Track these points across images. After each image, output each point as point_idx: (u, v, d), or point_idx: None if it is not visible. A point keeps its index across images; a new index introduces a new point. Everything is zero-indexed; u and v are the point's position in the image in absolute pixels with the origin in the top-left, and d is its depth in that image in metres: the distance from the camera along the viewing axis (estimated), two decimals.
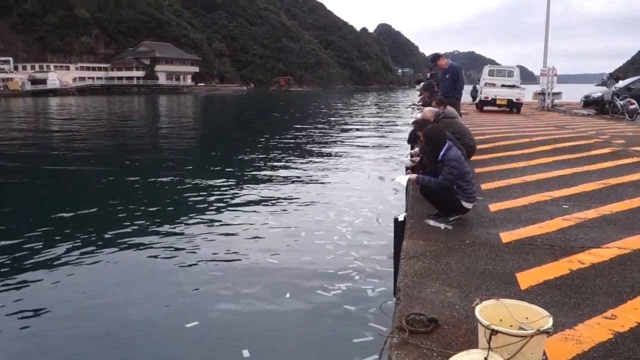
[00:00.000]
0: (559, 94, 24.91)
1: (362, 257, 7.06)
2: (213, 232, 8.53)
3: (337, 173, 14.11)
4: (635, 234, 4.53)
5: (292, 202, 10.57)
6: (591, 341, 2.71)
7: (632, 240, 4.34)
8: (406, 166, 6.28)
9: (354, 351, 4.69)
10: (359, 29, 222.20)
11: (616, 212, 5.26)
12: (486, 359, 2.13)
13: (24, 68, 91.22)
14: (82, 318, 5.53)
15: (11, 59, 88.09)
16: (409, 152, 7.28)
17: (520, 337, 2.20)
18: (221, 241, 8.03)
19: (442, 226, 4.70)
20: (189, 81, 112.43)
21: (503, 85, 21.28)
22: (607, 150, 9.50)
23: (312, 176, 13.65)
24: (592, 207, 5.41)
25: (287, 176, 13.60)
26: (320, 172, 14.32)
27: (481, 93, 21.77)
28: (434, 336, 2.73)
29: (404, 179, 5.03)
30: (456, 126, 7.38)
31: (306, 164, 15.76)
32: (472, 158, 7.72)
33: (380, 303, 5.06)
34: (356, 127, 29.61)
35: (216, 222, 9.08)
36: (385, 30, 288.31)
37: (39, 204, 10.55)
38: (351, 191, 11.51)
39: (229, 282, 6.40)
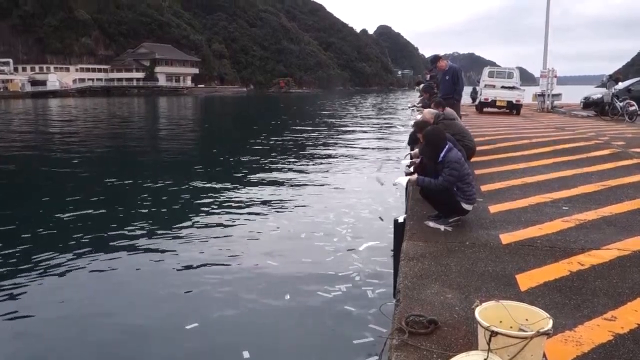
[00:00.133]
0: (558, 95, 24.95)
1: (361, 259, 7.05)
2: (213, 233, 8.53)
3: (336, 175, 14.10)
4: (635, 235, 4.53)
5: (291, 203, 10.57)
6: (591, 343, 2.71)
7: (632, 242, 4.34)
8: (405, 172, 6.29)
9: (354, 352, 4.68)
10: (358, 30, 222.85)
11: (616, 213, 5.27)
12: None
13: (24, 69, 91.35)
14: (81, 319, 5.53)
15: (11, 60, 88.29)
16: (409, 154, 7.28)
17: (520, 338, 2.20)
18: (221, 243, 8.02)
19: (442, 228, 4.70)
20: (188, 82, 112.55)
21: (503, 87, 21.33)
22: (606, 151, 9.50)
23: (312, 178, 13.64)
24: (592, 209, 5.41)
25: (286, 178, 13.61)
26: (320, 173, 14.32)
27: (481, 94, 21.82)
28: (434, 338, 2.73)
29: (404, 179, 5.05)
30: (456, 128, 7.38)
31: (306, 166, 15.76)
32: (472, 159, 7.72)
33: (380, 304, 5.06)
34: (355, 128, 29.62)
35: (216, 224, 9.08)
36: (385, 31, 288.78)
37: (38, 205, 10.53)
38: (351, 193, 11.51)
39: (229, 283, 6.40)
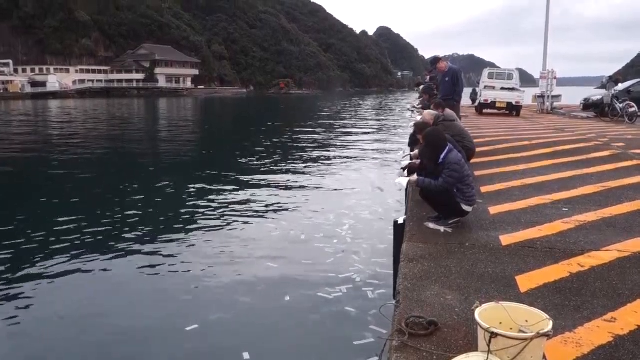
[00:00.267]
0: (558, 96, 24.98)
1: (361, 260, 7.05)
2: (212, 235, 8.52)
3: (336, 176, 14.10)
4: (635, 236, 4.53)
5: (291, 205, 10.56)
6: (591, 344, 2.71)
7: (631, 243, 4.34)
8: (402, 167, 6.28)
9: (354, 353, 4.68)
10: (358, 31, 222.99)
11: (616, 215, 5.27)
12: None
13: (24, 71, 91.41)
14: (81, 320, 5.52)
15: (11, 61, 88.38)
16: (408, 154, 7.28)
17: (520, 340, 2.20)
18: (221, 244, 8.02)
19: (442, 229, 4.70)
20: (188, 84, 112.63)
21: (502, 88, 21.36)
22: (606, 153, 9.50)
23: (312, 179, 13.64)
24: (591, 210, 5.42)
25: (286, 179, 13.60)
26: (320, 175, 14.31)
27: (481, 96, 21.86)
28: (434, 339, 2.73)
29: (404, 180, 5.05)
30: (456, 129, 7.39)
31: (305, 167, 15.76)
32: (472, 161, 7.73)
33: (380, 305, 5.05)
34: (355, 129, 29.61)
35: (215, 225, 9.08)
36: (384, 33, 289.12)
37: (38, 206, 10.53)
38: (350, 194, 11.50)
39: (229, 284, 6.40)
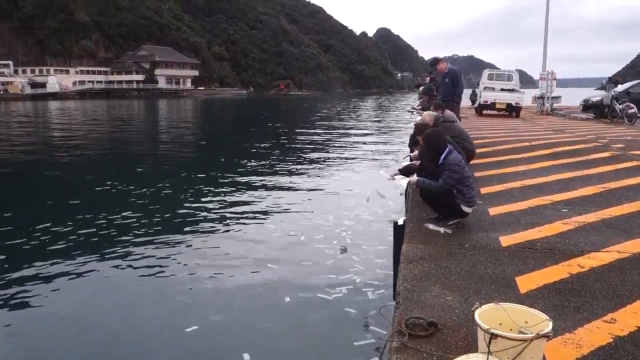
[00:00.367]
0: (558, 97, 25.00)
1: (361, 261, 7.06)
2: (212, 236, 8.53)
3: (336, 177, 14.10)
4: (635, 238, 4.54)
5: (291, 206, 10.56)
6: (591, 345, 2.71)
7: (631, 244, 4.35)
8: (399, 169, 6.27)
9: (354, 354, 4.68)
10: (358, 33, 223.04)
11: (615, 216, 5.27)
12: None
13: (24, 71, 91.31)
14: (80, 322, 5.52)
15: (11, 62, 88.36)
16: (408, 155, 7.28)
17: (520, 341, 2.20)
18: (220, 246, 8.02)
19: (442, 230, 4.70)
20: (188, 85, 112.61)
21: (502, 89, 21.36)
22: (606, 154, 9.51)
23: (311, 180, 13.65)
24: (591, 211, 5.42)
25: (286, 180, 13.61)
26: (319, 176, 14.32)
27: (480, 97, 21.87)
28: (434, 340, 2.73)
29: (404, 181, 5.04)
30: (455, 130, 7.38)
31: (305, 168, 15.76)
32: (472, 162, 7.73)
33: (380, 306, 5.06)
34: (355, 130, 29.63)
35: (215, 227, 9.08)
36: (384, 34, 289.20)
37: (37, 207, 10.53)
38: (350, 195, 11.50)
39: (229, 285, 6.40)
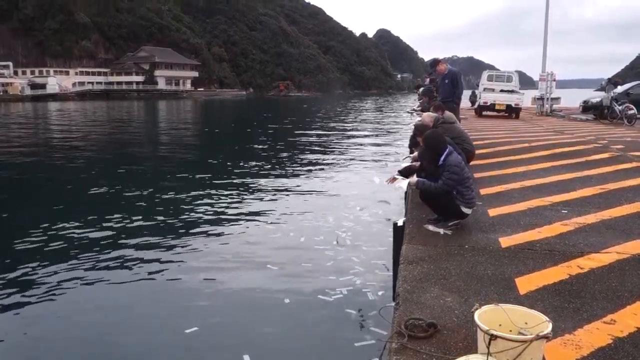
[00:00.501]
0: (557, 99, 25.00)
1: (361, 262, 7.06)
2: (212, 237, 8.53)
3: (335, 178, 14.11)
4: (634, 239, 4.54)
5: (291, 207, 10.56)
6: (590, 346, 2.71)
7: (631, 245, 4.35)
8: (399, 170, 6.28)
9: (354, 355, 4.68)
10: (358, 34, 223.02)
11: (615, 217, 5.27)
12: None
13: (24, 73, 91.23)
14: (79, 323, 5.52)
15: (11, 63, 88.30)
16: (408, 156, 7.28)
17: (520, 342, 2.20)
18: (220, 247, 8.02)
19: (441, 231, 4.70)
20: (188, 86, 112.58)
21: (502, 91, 21.36)
22: (606, 155, 9.52)
23: (311, 182, 13.66)
24: (591, 212, 5.42)
25: (285, 182, 13.61)
26: (319, 177, 14.33)
27: (480, 98, 21.88)
28: (433, 341, 2.73)
29: (404, 183, 5.05)
30: (455, 131, 7.39)
31: (305, 170, 15.77)
32: (471, 163, 7.73)
33: (380, 307, 5.06)
34: (354, 132, 29.64)
35: (215, 228, 9.08)
36: (384, 35, 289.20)
37: (36, 209, 10.52)
38: (350, 196, 11.50)
39: (228, 287, 6.40)
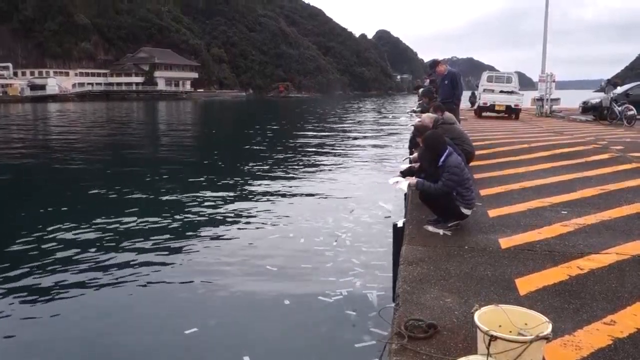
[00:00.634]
0: (557, 100, 24.99)
1: (361, 263, 7.06)
2: (212, 239, 8.53)
3: (335, 179, 14.11)
4: (634, 239, 4.54)
5: (290, 208, 10.57)
6: (590, 347, 2.71)
7: (630, 246, 4.35)
8: (400, 170, 6.28)
9: (354, 356, 4.68)
10: (358, 35, 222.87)
11: (615, 218, 5.27)
12: None
13: (24, 74, 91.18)
14: (79, 323, 5.52)
15: (11, 64, 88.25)
16: (407, 157, 7.28)
17: (520, 343, 2.20)
18: (220, 248, 8.02)
19: (441, 232, 4.70)
20: (188, 87, 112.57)
21: (502, 91, 21.35)
22: (605, 156, 9.52)
23: (311, 183, 13.66)
24: (590, 213, 5.42)
25: (285, 183, 13.61)
26: (319, 178, 14.33)
27: (480, 99, 21.87)
28: (433, 342, 2.73)
29: (404, 184, 5.04)
30: (455, 132, 7.39)
31: (305, 171, 15.77)
32: (471, 164, 7.73)
33: (380, 308, 5.06)
34: (354, 133, 29.66)
35: (214, 230, 9.08)
36: (384, 36, 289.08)
37: (36, 210, 10.51)
38: (350, 197, 11.51)
39: (228, 288, 6.40)
